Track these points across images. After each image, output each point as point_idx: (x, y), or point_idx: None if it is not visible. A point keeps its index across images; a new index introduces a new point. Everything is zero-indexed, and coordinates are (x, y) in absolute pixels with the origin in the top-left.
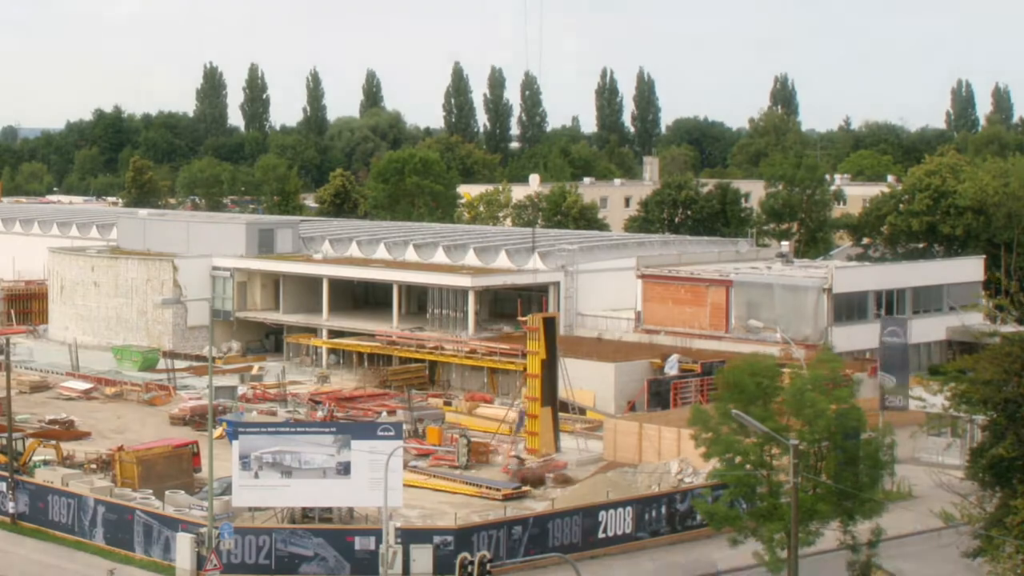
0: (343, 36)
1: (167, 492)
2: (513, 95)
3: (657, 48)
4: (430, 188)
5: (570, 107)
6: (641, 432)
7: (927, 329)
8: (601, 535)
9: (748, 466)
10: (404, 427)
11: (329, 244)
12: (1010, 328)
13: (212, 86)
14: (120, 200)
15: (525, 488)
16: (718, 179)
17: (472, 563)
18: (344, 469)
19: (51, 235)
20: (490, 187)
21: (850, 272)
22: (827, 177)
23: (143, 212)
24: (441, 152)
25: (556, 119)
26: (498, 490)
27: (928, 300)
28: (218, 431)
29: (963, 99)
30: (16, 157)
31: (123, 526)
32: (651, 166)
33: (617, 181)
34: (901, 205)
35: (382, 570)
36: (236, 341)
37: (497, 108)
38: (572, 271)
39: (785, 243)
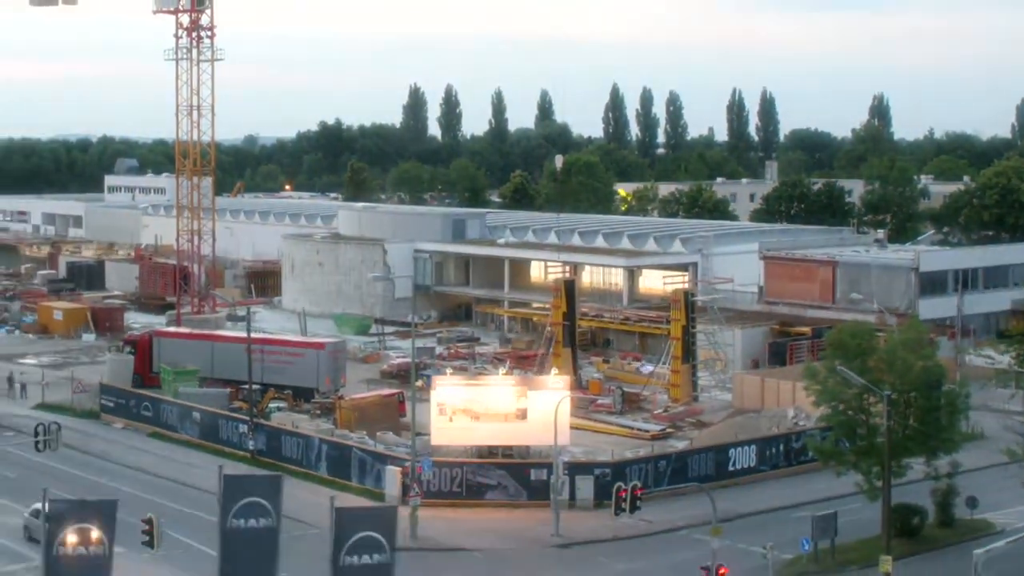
0: (522, 61)
1: (378, 433)
2: (660, 110)
3: (778, 70)
4: (592, 186)
5: (706, 120)
6: (763, 384)
7: (996, 300)
8: (731, 468)
9: (850, 412)
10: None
11: (510, 232)
12: None
13: (415, 103)
14: (340, 196)
15: (669, 430)
16: (826, 179)
17: (626, 491)
18: (522, 415)
19: (284, 224)
20: (641, 185)
21: (933, 255)
22: (915, 177)
23: (359, 205)
24: (601, 157)
25: (694, 130)
26: (647, 431)
27: (997, 277)
28: (419, 383)
29: None
30: (256, 161)
31: (342, 461)
32: (772, 168)
33: (744, 180)
34: (975, 201)
35: (552, 496)
36: (434, 311)
37: (647, 121)
38: (707, 254)
39: (880, 231)
